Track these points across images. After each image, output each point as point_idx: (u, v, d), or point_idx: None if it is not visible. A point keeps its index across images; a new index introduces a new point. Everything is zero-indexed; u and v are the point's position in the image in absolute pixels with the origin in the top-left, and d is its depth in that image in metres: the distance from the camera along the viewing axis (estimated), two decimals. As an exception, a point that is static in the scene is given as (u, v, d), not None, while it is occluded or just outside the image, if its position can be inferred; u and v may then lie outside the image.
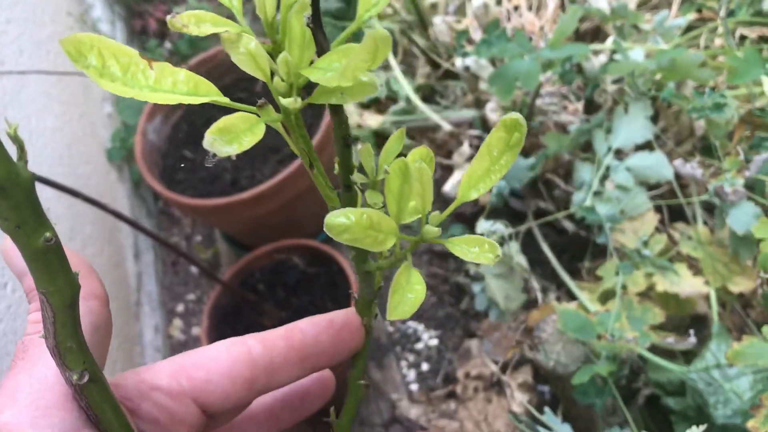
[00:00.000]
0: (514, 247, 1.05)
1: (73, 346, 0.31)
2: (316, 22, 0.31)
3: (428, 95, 1.54)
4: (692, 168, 0.77)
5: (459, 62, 1.25)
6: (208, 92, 0.35)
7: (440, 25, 1.39)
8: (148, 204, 1.62)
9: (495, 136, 0.36)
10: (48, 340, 0.31)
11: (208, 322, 1.17)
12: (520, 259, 1.06)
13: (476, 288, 1.11)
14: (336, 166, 0.38)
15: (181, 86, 0.34)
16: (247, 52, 0.33)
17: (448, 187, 1.39)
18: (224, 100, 0.35)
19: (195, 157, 1.34)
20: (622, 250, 1.06)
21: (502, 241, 1.07)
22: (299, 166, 1.21)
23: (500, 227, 1.07)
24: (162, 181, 1.28)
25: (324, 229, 0.33)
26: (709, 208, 1.10)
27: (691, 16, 1.35)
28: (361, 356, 0.42)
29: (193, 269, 1.54)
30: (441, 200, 1.46)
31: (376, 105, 1.60)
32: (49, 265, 0.30)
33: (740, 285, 0.96)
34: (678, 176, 0.99)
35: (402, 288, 0.35)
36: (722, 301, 1.03)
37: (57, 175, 1.28)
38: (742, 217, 0.90)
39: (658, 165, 1.01)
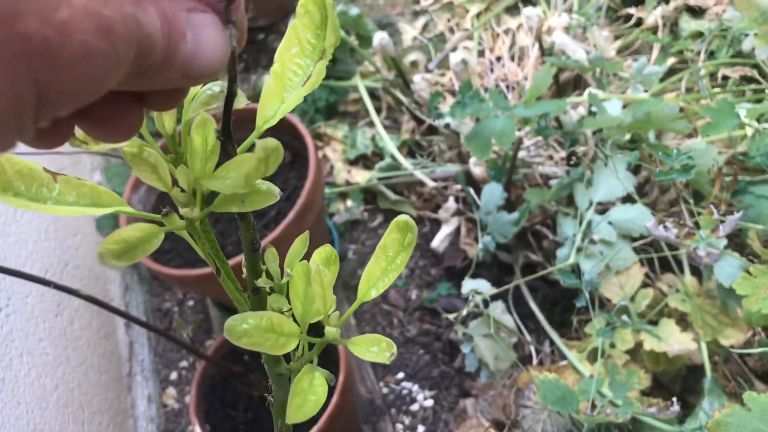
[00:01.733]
0: (499, 306, 1.03)
1: None
2: (225, 134, 0.32)
3: (413, 149, 1.54)
4: (666, 229, 0.76)
5: (439, 120, 1.25)
6: (111, 203, 0.35)
7: (420, 82, 1.40)
8: (140, 270, 1.62)
9: (389, 237, 0.37)
10: None
11: (196, 393, 1.16)
12: (506, 320, 1.04)
13: (466, 349, 1.09)
14: (243, 269, 0.38)
15: (84, 198, 0.34)
16: (148, 165, 0.33)
17: (435, 242, 1.38)
18: (128, 210, 0.35)
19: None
20: (611, 305, 1.05)
21: (486, 302, 1.05)
22: (284, 229, 1.21)
23: (485, 286, 1.06)
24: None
25: (224, 333, 0.33)
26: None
27: (670, 62, 1.35)
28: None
29: (186, 335, 1.52)
30: (429, 255, 1.45)
31: (364, 161, 1.60)
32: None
33: (731, 338, 0.94)
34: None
35: (304, 391, 0.35)
36: (715, 353, 1.01)
37: (43, 250, 1.27)
38: (728, 269, 0.89)
39: (640, 218, 1.00)
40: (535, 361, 1.19)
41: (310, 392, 0.35)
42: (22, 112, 0.20)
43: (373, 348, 0.36)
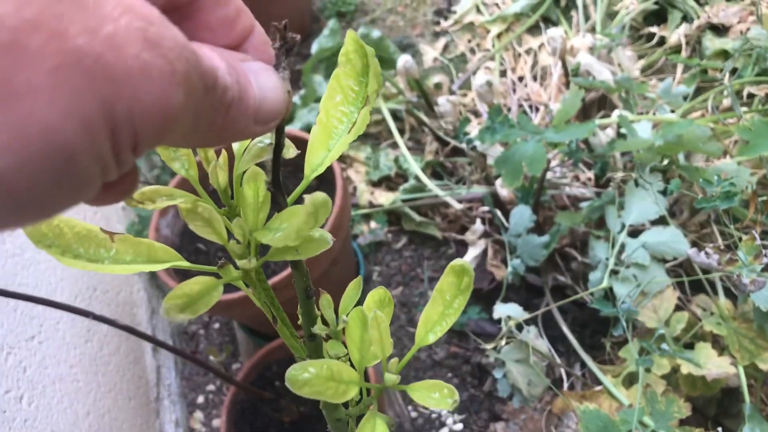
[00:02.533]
0: (532, 332, 1.03)
1: None
2: (275, 185, 0.32)
3: (437, 171, 1.54)
4: (707, 256, 0.75)
5: (466, 143, 1.25)
6: (168, 258, 0.35)
7: (445, 104, 1.40)
8: (166, 293, 1.62)
9: (446, 281, 0.37)
10: None
11: (226, 420, 1.15)
12: (540, 344, 1.03)
13: (498, 374, 1.08)
14: (299, 315, 0.38)
15: (141, 256, 0.35)
16: (203, 220, 0.33)
17: (463, 265, 1.37)
18: (185, 265, 0.36)
19: (208, 250, 1.34)
20: (644, 328, 1.04)
21: (520, 327, 1.05)
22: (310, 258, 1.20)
23: (517, 311, 1.05)
24: (176, 275, 1.28)
25: (286, 382, 0.33)
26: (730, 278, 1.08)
27: (699, 78, 1.35)
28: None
29: (213, 358, 1.52)
30: (457, 277, 1.45)
31: (387, 182, 1.60)
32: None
33: (769, 362, 0.93)
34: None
35: None
36: (752, 376, 1.00)
37: (72, 276, 1.28)
38: (766, 293, 0.88)
39: (673, 241, 0.99)
40: (566, 385, 1.18)
41: None
42: (95, 137, 0.19)
43: (435, 394, 0.36)
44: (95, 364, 1.25)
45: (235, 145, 0.36)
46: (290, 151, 0.35)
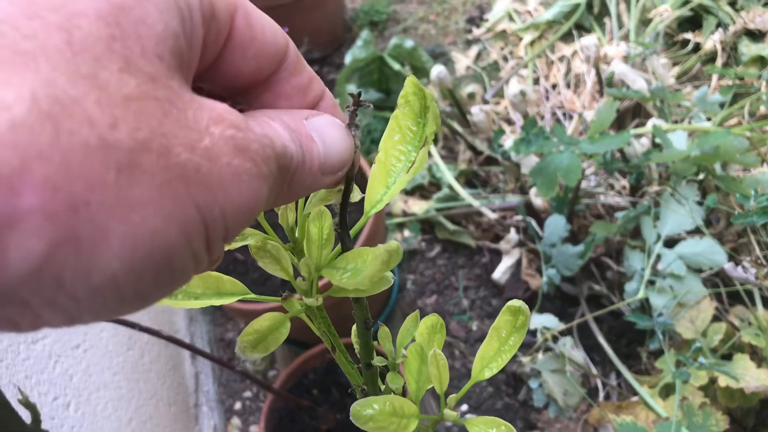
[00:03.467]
0: (568, 342, 1.03)
1: None
2: (342, 226, 0.34)
3: (471, 179, 1.55)
4: (744, 270, 0.75)
5: (499, 152, 1.26)
6: (237, 291, 0.37)
7: (478, 114, 1.41)
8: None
9: (502, 319, 0.38)
10: None
11: (264, 427, 1.17)
12: (576, 355, 1.04)
13: (533, 384, 1.09)
14: (356, 346, 0.39)
15: (211, 289, 0.37)
16: (271, 257, 0.35)
17: (497, 274, 1.38)
18: (251, 296, 0.37)
19: (246, 260, 1.37)
20: (681, 339, 1.03)
21: (555, 337, 1.05)
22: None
23: (553, 322, 1.05)
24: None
25: (350, 417, 0.34)
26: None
27: (735, 87, 1.34)
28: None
29: (250, 365, 1.55)
30: (491, 286, 1.46)
31: (420, 191, 1.61)
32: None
33: (809, 374, 0.92)
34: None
35: None
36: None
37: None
38: (804, 305, 0.87)
39: (710, 252, 0.99)
40: (601, 394, 1.18)
41: None
42: (192, 238, 0.21)
43: (492, 430, 0.37)
44: (137, 371, 1.28)
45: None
46: (356, 195, 0.37)
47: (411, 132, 0.35)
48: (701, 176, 1.06)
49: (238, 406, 1.51)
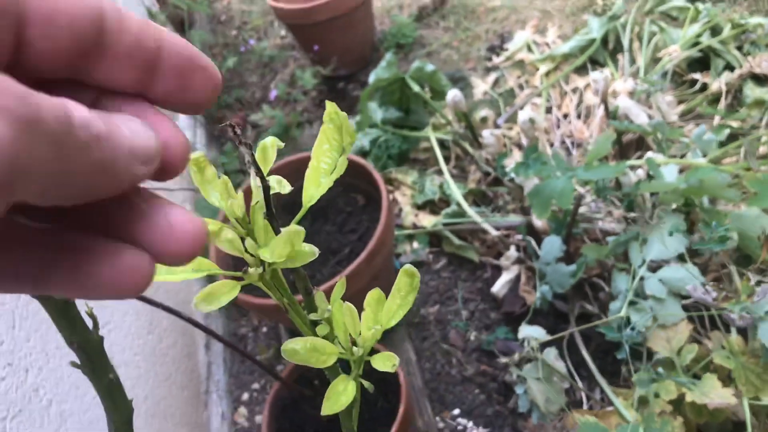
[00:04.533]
0: (552, 353, 1.11)
1: None
2: (269, 215, 0.44)
3: (479, 199, 1.64)
4: (705, 292, 0.83)
5: (505, 174, 1.35)
6: (207, 268, 0.47)
7: (489, 137, 1.50)
8: (220, 296, 1.76)
9: (402, 281, 0.48)
10: None
11: (268, 413, 1.27)
12: (559, 366, 1.12)
13: (519, 390, 1.17)
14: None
15: (191, 266, 0.47)
16: (226, 240, 0.45)
17: (496, 288, 1.47)
18: (218, 271, 0.47)
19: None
20: (661, 359, 1.11)
21: (542, 347, 1.13)
22: (356, 268, 1.32)
23: (540, 333, 1.14)
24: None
25: (282, 354, 0.44)
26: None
27: (728, 131, 1.42)
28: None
29: (261, 355, 1.65)
30: (490, 299, 1.54)
31: (431, 206, 1.70)
32: (113, 394, 0.42)
33: (773, 396, 0.99)
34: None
35: (337, 393, 0.46)
36: (759, 410, 1.06)
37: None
38: (771, 331, 0.95)
39: (689, 278, 1.07)
40: (585, 406, 1.26)
41: (342, 394, 0.46)
42: None
43: (387, 362, 0.47)
44: (155, 354, 1.38)
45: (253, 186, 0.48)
46: (285, 188, 0.47)
47: (335, 141, 0.45)
48: (688, 207, 1.14)
49: (245, 396, 1.60)
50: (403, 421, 1.17)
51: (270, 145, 0.46)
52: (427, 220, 1.65)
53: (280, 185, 0.46)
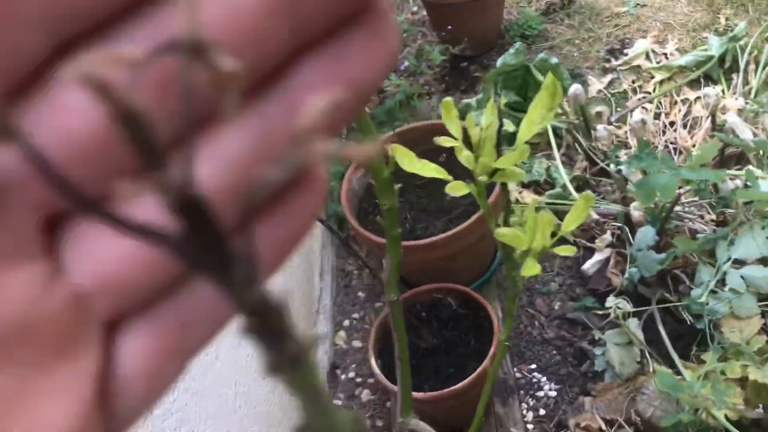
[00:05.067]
0: (634, 322, 1.28)
1: None
2: (498, 144, 0.62)
3: (582, 186, 1.80)
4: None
5: (613, 167, 1.52)
6: (437, 171, 0.66)
7: (602, 131, 1.66)
8: (332, 238, 1.99)
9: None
10: None
11: (374, 334, 1.48)
12: (638, 334, 1.29)
13: (597, 351, 1.35)
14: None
15: (420, 168, 0.66)
16: (465, 156, 0.64)
17: (586, 265, 1.64)
18: (448, 177, 0.66)
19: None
20: (727, 343, 1.27)
21: (625, 316, 1.31)
22: (466, 227, 1.51)
23: (625, 304, 1.31)
24: (357, 220, 1.63)
25: (495, 234, 0.63)
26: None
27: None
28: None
29: (360, 294, 1.87)
30: (578, 277, 1.71)
31: (535, 186, 1.88)
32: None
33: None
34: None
35: (530, 267, 0.63)
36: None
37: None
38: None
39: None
40: (651, 379, 1.43)
41: (532, 268, 0.63)
42: None
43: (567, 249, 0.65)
44: (284, 270, 1.61)
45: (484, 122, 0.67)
46: (511, 127, 0.65)
47: (547, 102, 0.63)
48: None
49: (346, 323, 1.82)
50: (491, 360, 1.36)
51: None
52: (530, 198, 1.82)
53: (509, 125, 0.64)
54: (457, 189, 0.61)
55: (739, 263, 1.31)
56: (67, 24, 0.16)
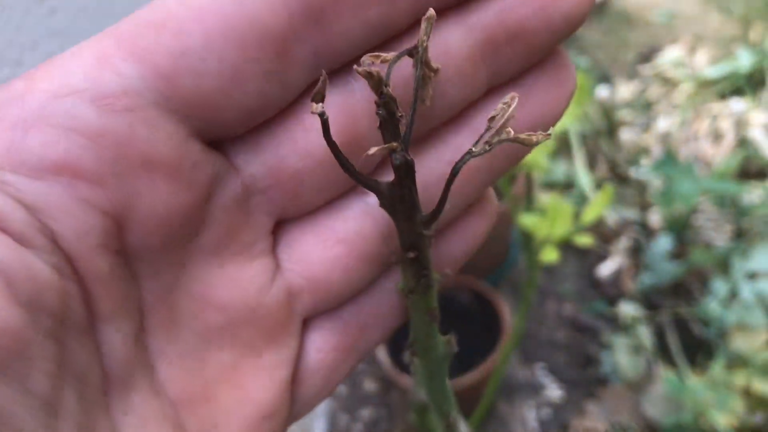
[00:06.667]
0: (643, 329, 1.29)
1: None
2: None
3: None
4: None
5: (634, 172, 1.52)
6: None
7: (626, 138, 1.66)
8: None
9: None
10: None
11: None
12: (647, 339, 1.30)
13: (605, 355, 1.36)
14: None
15: None
16: None
17: (601, 270, 1.65)
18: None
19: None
20: (734, 353, 1.28)
21: (635, 321, 1.31)
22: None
23: (636, 309, 1.32)
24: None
25: (518, 221, 0.64)
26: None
27: None
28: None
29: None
30: (590, 280, 1.72)
31: (557, 189, 1.88)
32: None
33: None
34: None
35: (550, 252, 0.65)
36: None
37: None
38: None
39: (781, 293, 1.22)
40: (657, 386, 1.43)
41: (551, 254, 0.65)
42: None
43: (584, 239, 0.67)
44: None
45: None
46: None
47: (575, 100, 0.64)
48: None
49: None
50: (499, 354, 1.38)
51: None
52: (546, 198, 1.83)
53: None
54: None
55: (753, 276, 1.31)
56: (331, 61, 0.20)
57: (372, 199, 0.22)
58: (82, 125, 0.17)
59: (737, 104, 1.59)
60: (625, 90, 2.09)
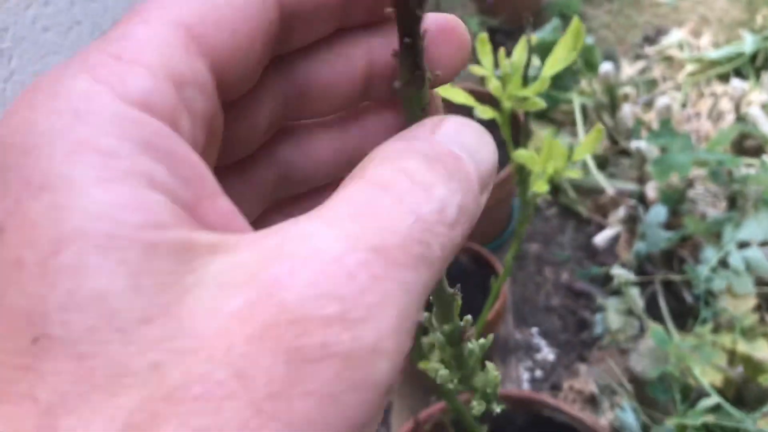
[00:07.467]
0: (636, 291, 1.35)
1: None
2: (525, 77, 0.67)
3: (602, 163, 1.85)
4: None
5: (634, 144, 1.57)
6: (466, 99, 0.72)
7: (627, 112, 1.71)
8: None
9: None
10: None
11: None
12: (638, 301, 1.35)
13: (597, 317, 1.41)
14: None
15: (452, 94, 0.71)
16: (494, 86, 0.69)
17: (597, 239, 1.70)
18: (476, 104, 0.72)
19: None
20: (721, 318, 1.33)
21: (627, 284, 1.37)
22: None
23: (630, 275, 1.37)
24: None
25: (512, 156, 0.68)
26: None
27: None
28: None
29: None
30: (588, 249, 1.77)
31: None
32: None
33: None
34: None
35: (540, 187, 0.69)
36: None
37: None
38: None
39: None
40: (647, 351, 1.49)
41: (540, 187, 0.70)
42: None
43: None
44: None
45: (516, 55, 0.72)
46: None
47: (570, 44, 0.68)
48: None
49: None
50: (495, 314, 1.43)
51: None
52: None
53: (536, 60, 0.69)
54: (485, 113, 0.67)
55: (744, 246, 1.36)
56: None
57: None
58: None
59: (738, 83, 1.64)
60: (629, 69, 2.13)
